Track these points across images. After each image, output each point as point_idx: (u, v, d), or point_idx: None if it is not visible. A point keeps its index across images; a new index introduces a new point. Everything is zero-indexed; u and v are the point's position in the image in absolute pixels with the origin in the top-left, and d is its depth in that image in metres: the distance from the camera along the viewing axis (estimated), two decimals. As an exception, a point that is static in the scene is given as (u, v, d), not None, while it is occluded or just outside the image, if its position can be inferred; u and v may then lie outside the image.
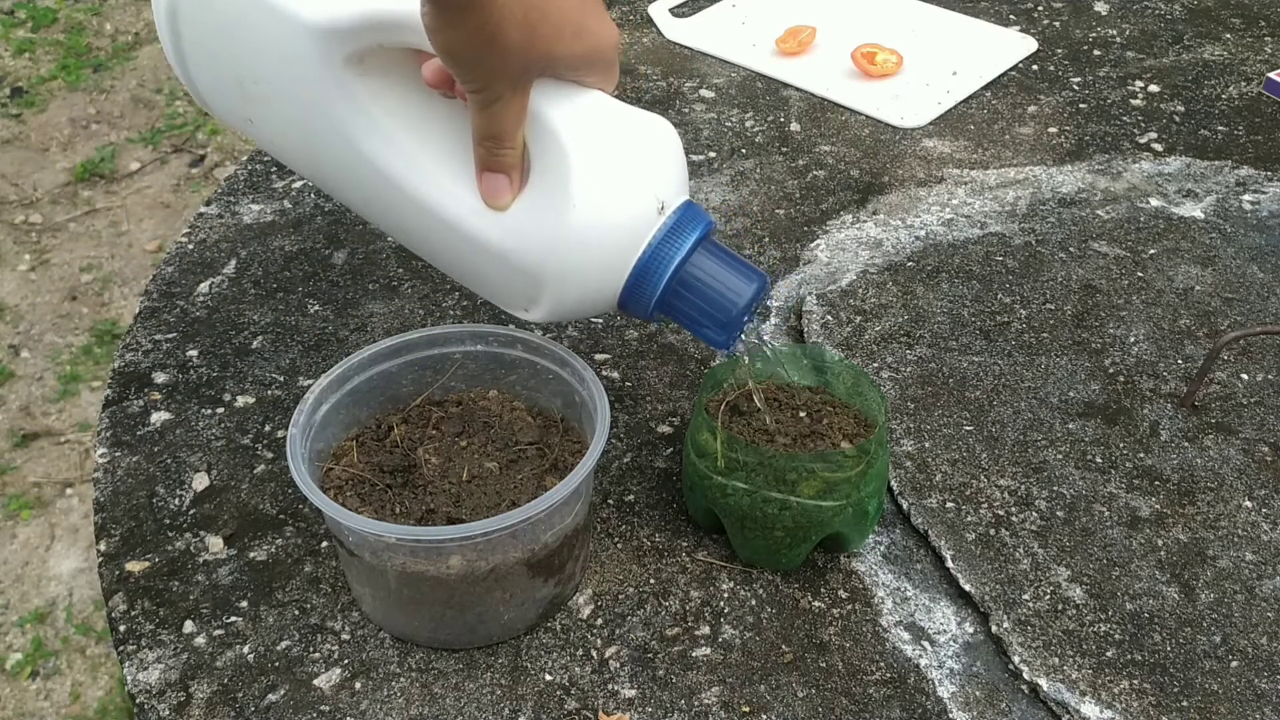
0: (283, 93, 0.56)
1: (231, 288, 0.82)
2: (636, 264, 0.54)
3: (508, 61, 0.48)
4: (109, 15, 2.61)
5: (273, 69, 0.56)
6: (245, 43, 0.56)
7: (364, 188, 0.57)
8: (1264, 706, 0.55)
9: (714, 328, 0.56)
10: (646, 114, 0.55)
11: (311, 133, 0.57)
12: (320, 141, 0.56)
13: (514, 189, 0.53)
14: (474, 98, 0.50)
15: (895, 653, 0.58)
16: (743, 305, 0.56)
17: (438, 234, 0.56)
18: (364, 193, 0.58)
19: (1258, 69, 1.06)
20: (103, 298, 1.93)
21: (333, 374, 0.61)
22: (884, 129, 0.98)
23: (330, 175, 0.59)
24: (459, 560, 0.54)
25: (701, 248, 0.55)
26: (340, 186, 0.59)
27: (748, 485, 0.57)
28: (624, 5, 1.18)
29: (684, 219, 0.55)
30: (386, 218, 0.59)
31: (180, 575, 0.62)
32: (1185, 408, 0.71)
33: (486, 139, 0.52)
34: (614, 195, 0.53)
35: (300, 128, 0.57)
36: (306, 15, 0.52)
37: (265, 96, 0.57)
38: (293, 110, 0.56)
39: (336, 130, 0.55)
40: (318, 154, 0.58)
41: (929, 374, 0.73)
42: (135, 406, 0.72)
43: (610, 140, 0.53)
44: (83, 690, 1.39)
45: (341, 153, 0.56)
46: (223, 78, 0.58)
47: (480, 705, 0.56)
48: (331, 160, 0.57)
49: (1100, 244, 0.85)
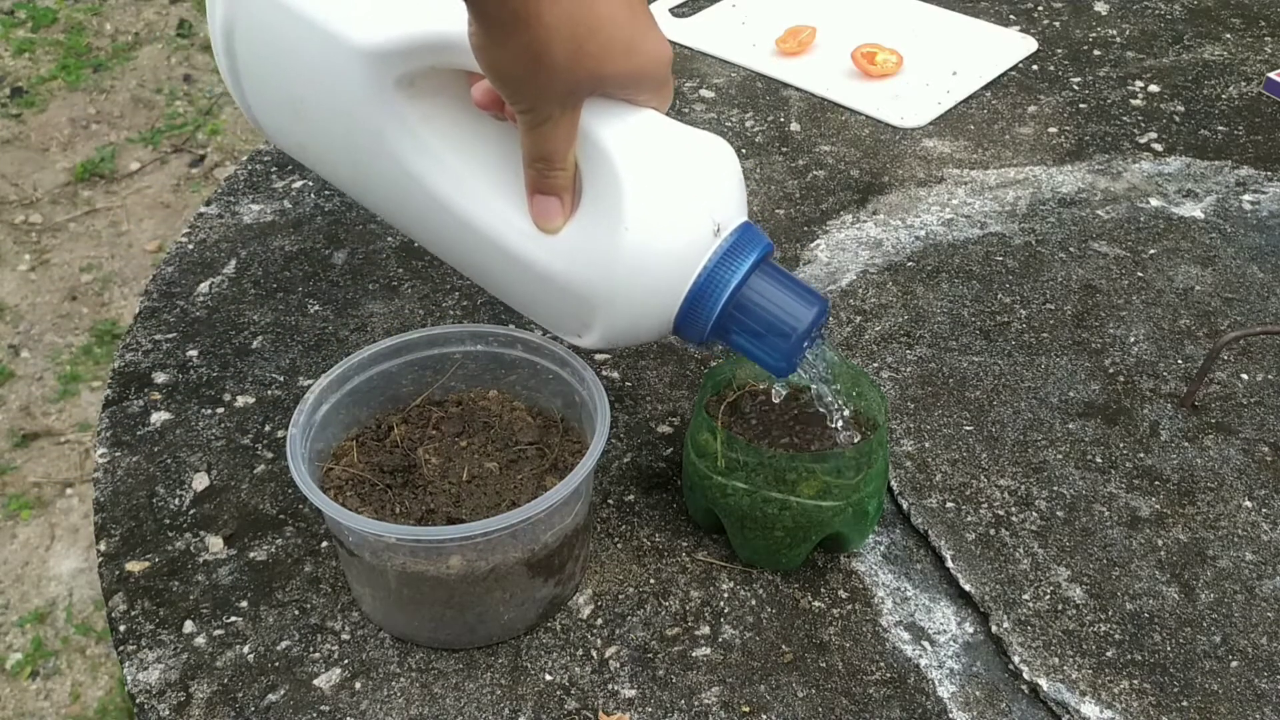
0: (334, 115, 0.56)
1: (231, 288, 0.82)
2: (691, 288, 0.53)
3: (555, 81, 0.47)
4: (109, 15, 2.61)
5: (324, 91, 0.55)
6: (297, 65, 0.55)
7: (416, 211, 0.57)
8: (1264, 706, 0.55)
9: (773, 354, 0.54)
10: (702, 133, 0.54)
11: (362, 156, 0.56)
12: (371, 164, 0.56)
13: (566, 212, 0.52)
14: (523, 118, 0.49)
15: (895, 653, 0.58)
16: (802, 330, 0.54)
17: (490, 258, 0.56)
18: (416, 216, 0.57)
19: (1258, 69, 1.06)
20: (103, 298, 1.93)
21: (333, 374, 0.61)
22: (884, 129, 0.98)
23: (382, 199, 0.59)
24: (459, 560, 0.54)
25: (759, 271, 0.54)
26: (392, 210, 0.59)
27: (748, 485, 0.57)
28: (624, 5, 1.17)
29: (741, 241, 0.53)
30: (440, 242, 0.58)
31: (180, 575, 0.62)
32: (1185, 408, 0.71)
33: (537, 160, 0.51)
34: (668, 217, 0.52)
35: (351, 151, 0.57)
36: (356, 38, 0.52)
37: (317, 119, 0.57)
38: (344, 133, 0.56)
39: (387, 153, 0.55)
40: (369, 177, 0.58)
41: (929, 374, 0.73)
42: (135, 406, 0.72)
43: (664, 161, 0.52)
44: (83, 690, 1.39)
45: (392, 175, 0.55)
46: (276, 100, 0.58)
47: (480, 705, 0.56)
48: (383, 184, 0.57)
49: (1100, 244, 0.85)
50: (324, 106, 0.56)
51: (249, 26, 0.56)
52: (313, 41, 0.54)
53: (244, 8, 0.56)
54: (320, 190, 0.91)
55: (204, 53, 2.48)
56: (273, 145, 0.65)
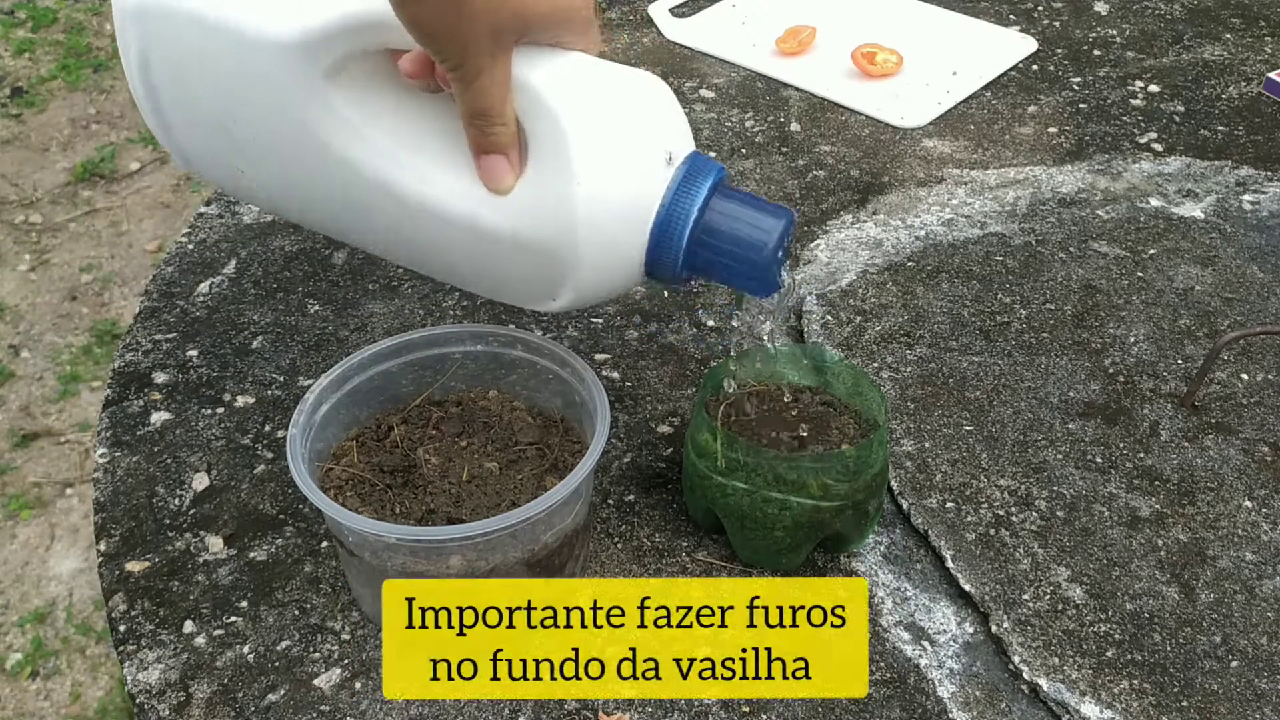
0: (266, 122, 0.55)
1: (231, 288, 0.82)
2: (655, 222, 0.52)
3: (479, 26, 0.47)
4: (109, 15, 2.61)
5: (254, 99, 0.54)
6: (223, 80, 0.54)
7: (363, 208, 0.56)
8: (1264, 706, 0.55)
9: (749, 273, 0.54)
10: (633, 70, 0.54)
11: (301, 162, 0.55)
12: (311, 167, 0.55)
13: (515, 169, 0.52)
14: (454, 76, 0.49)
15: (895, 653, 0.58)
16: (774, 242, 0.53)
17: (447, 238, 0.55)
18: (364, 214, 0.56)
19: (1258, 69, 1.06)
20: (103, 298, 1.93)
21: (333, 374, 0.61)
22: (884, 129, 0.98)
23: (328, 204, 0.58)
24: (459, 560, 0.54)
25: (718, 193, 0.53)
26: (340, 214, 0.58)
27: (748, 485, 0.57)
28: (624, 5, 1.18)
29: (694, 169, 0.53)
30: (398, 239, 0.57)
31: (180, 575, 0.62)
32: (1185, 408, 0.71)
33: (476, 117, 0.50)
34: (618, 156, 0.51)
35: (289, 158, 0.56)
36: (279, 35, 0.51)
37: (250, 133, 0.55)
38: (279, 142, 0.55)
39: (326, 149, 0.54)
40: (312, 184, 0.56)
41: (929, 374, 0.73)
42: (135, 406, 0.72)
43: (602, 100, 0.52)
44: (83, 690, 1.39)
45: (334, 173, 0.54)
46: (205, 125, 0.57)
47: (480, 705, 0.56)
48: (327, 186, 0.56)
49: (1100, 244, 0.85)
50: (255, 116, 0.55)
51: (166, 54, 0.55)
52: (236, 50, 0.53)
53: (159, 34, 0.54)
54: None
55: (204, 53, 2.48)
56: (203, 182, 0.62)
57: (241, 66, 0.53)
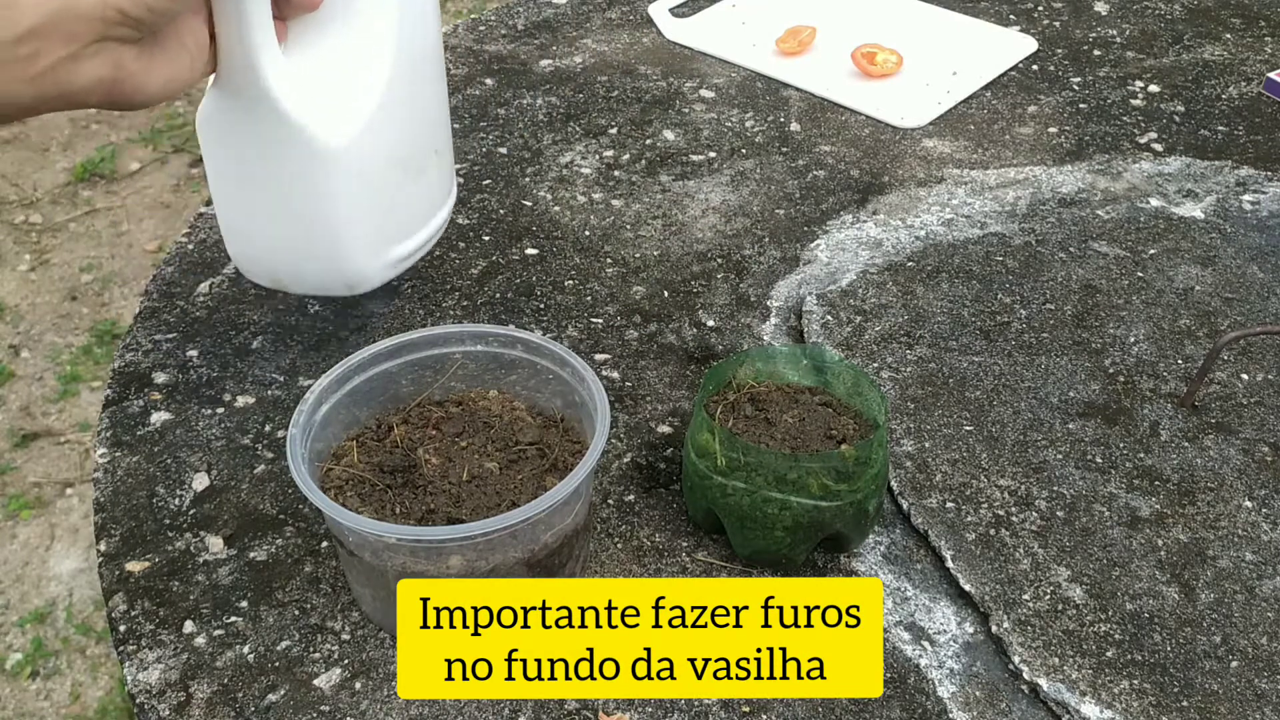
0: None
1: (231, 288, 0.82)
2: None
3: None
4: (109, 15, 2.61)
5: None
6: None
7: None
8: (1264, 706, 0.55)
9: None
10: None
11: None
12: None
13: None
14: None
15: (895, 653, 0.58)
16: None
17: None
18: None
19: (1258, 69, 1.07)
20: (103, 298, 1.93)
21: (333, 374, 0.61)
22: (884, 129, 0.98)
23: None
24: (459, 560, 0.54)
25: None
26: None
27: (748, 485, 0.57)
28: (624, 5, 1.18)
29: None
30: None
31: (180, 575, 0.62)
32: (1185, 408, 0.71)
33: None
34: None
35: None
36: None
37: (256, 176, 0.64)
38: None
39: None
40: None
41: (929, 374, 0.73)
42: (135, 406, 0.72)
43: None
44: (83, 690, 1.39)
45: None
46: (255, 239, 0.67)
47: (480, 705, 0.56)
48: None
49: (1100, 244, 0.85)
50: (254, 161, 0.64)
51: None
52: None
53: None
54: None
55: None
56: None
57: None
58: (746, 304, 0.80)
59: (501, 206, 0.89)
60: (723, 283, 0.82)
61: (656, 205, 0.89)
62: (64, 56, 0.49)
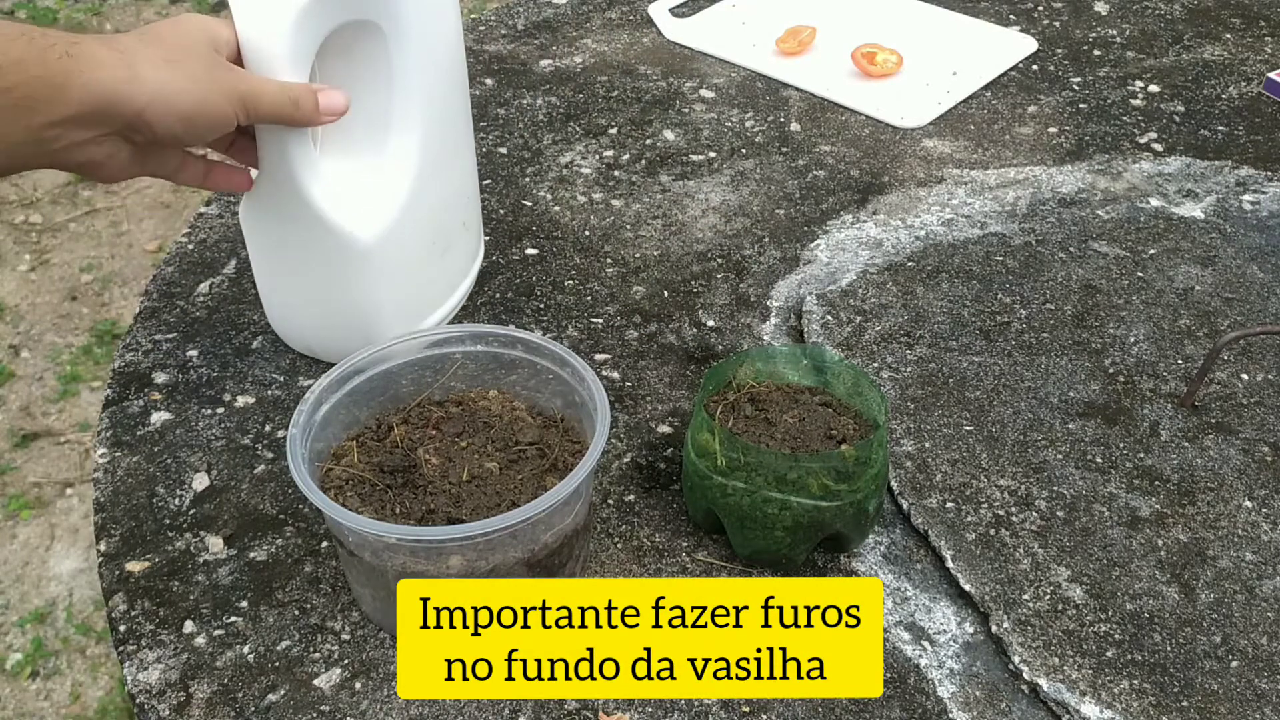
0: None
1: (231, 288, 0.82)
2: None
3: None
4: (109, 15, 2.61)
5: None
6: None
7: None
8: (1264, 706, 0.55)
9: None
10: None
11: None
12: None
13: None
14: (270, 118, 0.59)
15: (895, 653, 0.58)
16: None
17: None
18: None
19: (1258, 69, 1.06)
20: (103, 298, 1.93)
21: (333, 374, 0.61)
22: (884, 129, 0.98)
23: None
24: (459, 560, 0.54)
25: None
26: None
27: (748, 485, 0.57)
28: (624, 5, 1.18)
29: None
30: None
31: (180, 575, 0.62)
32: (1185, 408, 0.71)
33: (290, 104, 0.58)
34: None
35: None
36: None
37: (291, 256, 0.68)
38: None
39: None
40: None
41: (929, 374, 0.73)
42: (135, 406, 0.72)
43: None
44: (83, 690, 1.39)
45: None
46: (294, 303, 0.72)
47: (480, 705, 0.56)
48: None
49: (1100, 244, 0.85)
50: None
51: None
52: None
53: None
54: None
55: (204, 53, 2.47)
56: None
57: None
58: (746, 304, 0.80)
59: (501, 206, 0.89)
60: (723, 283, 0.82)
61: (656, 205, 0.89)
62: (81, 141, 0.53)
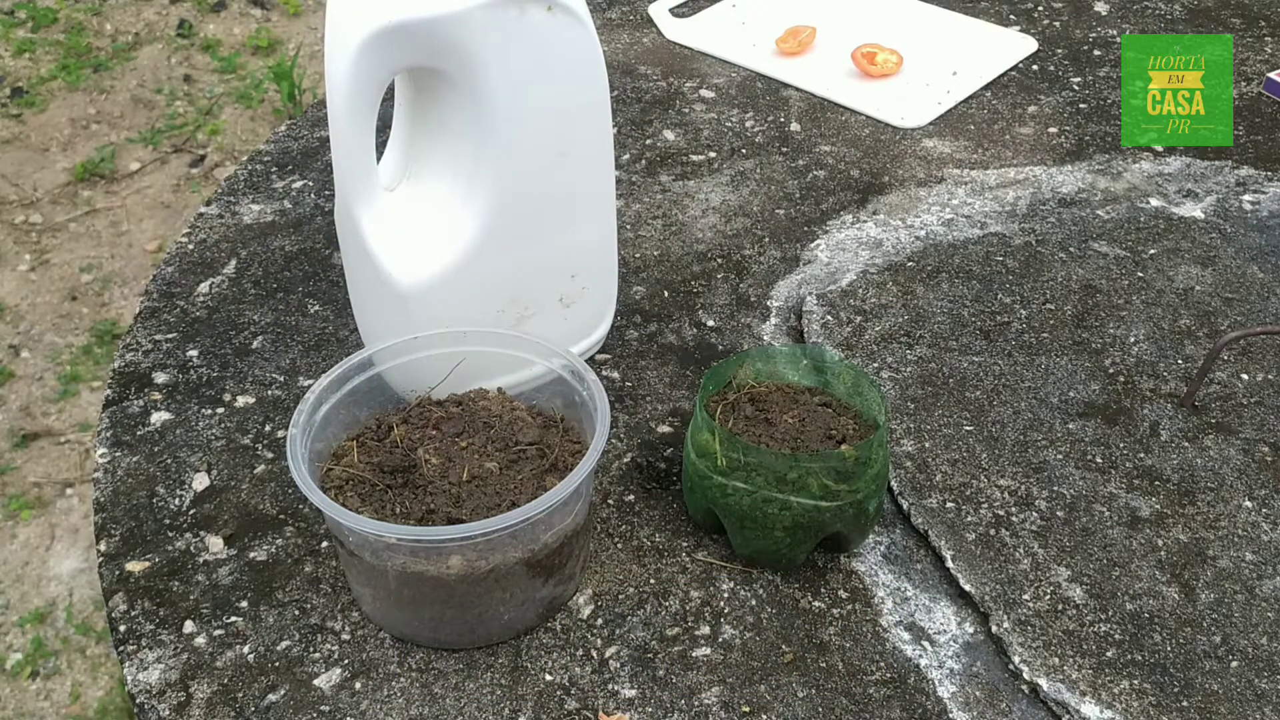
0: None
1: (231, 288, 0.82)
2: None
3: None
4: (109, 15, 2.61)
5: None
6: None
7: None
8: (1264, 706, 0.55)
9: None
10: None
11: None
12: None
13: None
14: None
15: (895, 653, 0.58)
16: None
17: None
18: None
19: (1258, 69, 1.06)
20: (103, 298, 1.93)
21: (333, 374, 0.61)
22: (884, 129, 0.98)
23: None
24: (459, 560, 0.54)
25: None
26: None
27: (748, 485, 0.57)
28: (624, 5, 1.18)
29: None
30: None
31: (180, 575, 0.62)
32: (1185, 408, 0.71)
33: None
34: None
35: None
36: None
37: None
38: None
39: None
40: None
41: (929, 374, 0.73)
42: (135, 406, 0.72)
43: None
44: (83, 690, 1.39)
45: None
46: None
47: (480, 705, 0.56)
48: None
49: (1100, 244, 0.85)
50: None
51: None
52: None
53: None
54: (320, 190, 0.91)
55: (204, 53, 2.48)
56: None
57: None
58: (746, 304, 0.80)
59: (501, 206, 0.89)
60: (723, 283, 0.82)
61: (656, 205, 0.89)
62: None
